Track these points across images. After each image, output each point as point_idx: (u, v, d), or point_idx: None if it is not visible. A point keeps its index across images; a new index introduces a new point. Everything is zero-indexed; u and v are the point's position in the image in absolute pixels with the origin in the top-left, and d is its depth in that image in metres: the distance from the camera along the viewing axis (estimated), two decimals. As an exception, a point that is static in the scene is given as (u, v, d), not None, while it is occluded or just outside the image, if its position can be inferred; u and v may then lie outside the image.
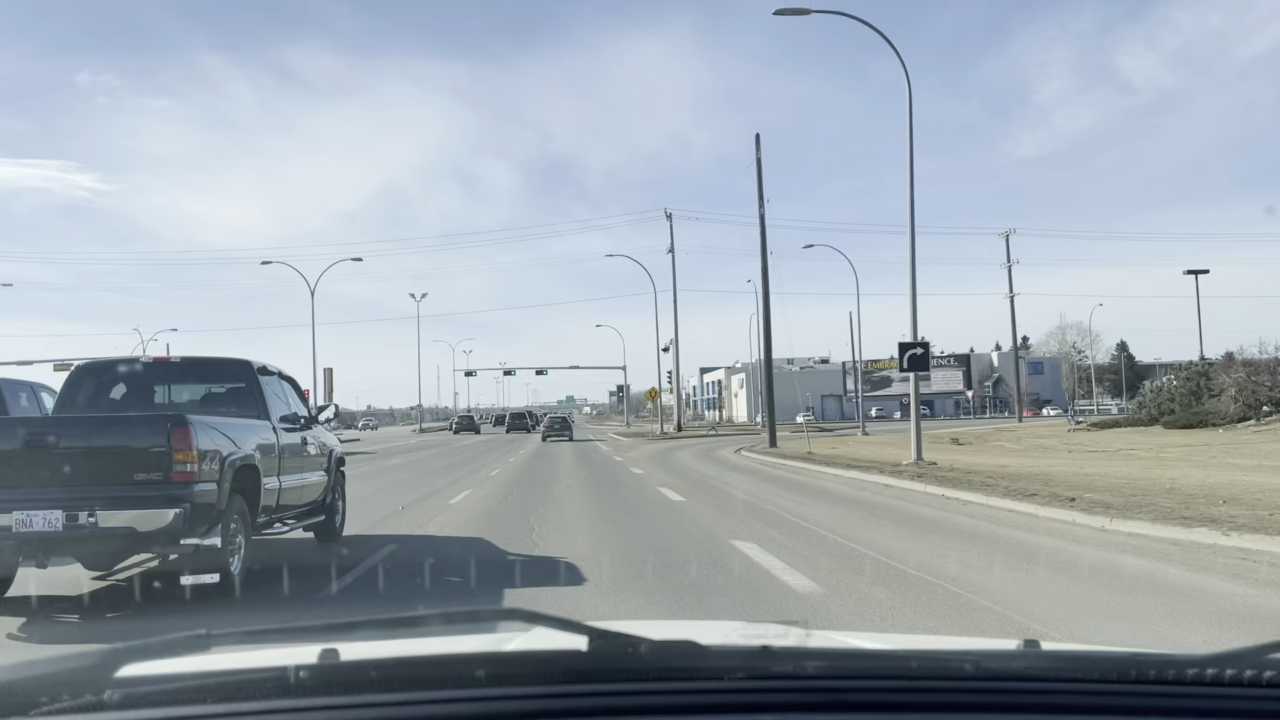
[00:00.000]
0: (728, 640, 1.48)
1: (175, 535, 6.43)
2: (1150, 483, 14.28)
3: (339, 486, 10.34)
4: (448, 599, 7.01)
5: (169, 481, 6.45)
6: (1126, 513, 10.57)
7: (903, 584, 7.42)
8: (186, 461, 6.49)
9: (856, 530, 10.91)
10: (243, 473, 7.27)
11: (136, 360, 9.24)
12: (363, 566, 8.42)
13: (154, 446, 6.48)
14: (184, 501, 6.42)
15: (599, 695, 1.27)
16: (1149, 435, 36.77)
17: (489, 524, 11.83)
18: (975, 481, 15.39)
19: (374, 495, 15.90)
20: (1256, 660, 1.34)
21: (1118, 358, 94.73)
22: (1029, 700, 1.32)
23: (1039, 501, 12.35)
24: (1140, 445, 29.52)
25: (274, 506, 8.14)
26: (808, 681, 1.32)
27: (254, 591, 7.15)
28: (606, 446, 39.96)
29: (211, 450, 6.79)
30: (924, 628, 5.87)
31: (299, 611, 6.57)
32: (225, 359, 8.92)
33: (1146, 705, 1.31)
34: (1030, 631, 5.32)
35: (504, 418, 79.43)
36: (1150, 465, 19.57)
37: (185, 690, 1.24)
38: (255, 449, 7.63)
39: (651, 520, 12.27)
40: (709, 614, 6.21)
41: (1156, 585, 7.33)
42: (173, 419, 6.74)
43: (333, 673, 1.29)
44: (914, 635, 4.78)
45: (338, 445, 10.53)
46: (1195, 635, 5.64)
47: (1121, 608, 6.64)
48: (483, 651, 1.48)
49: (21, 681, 1.23)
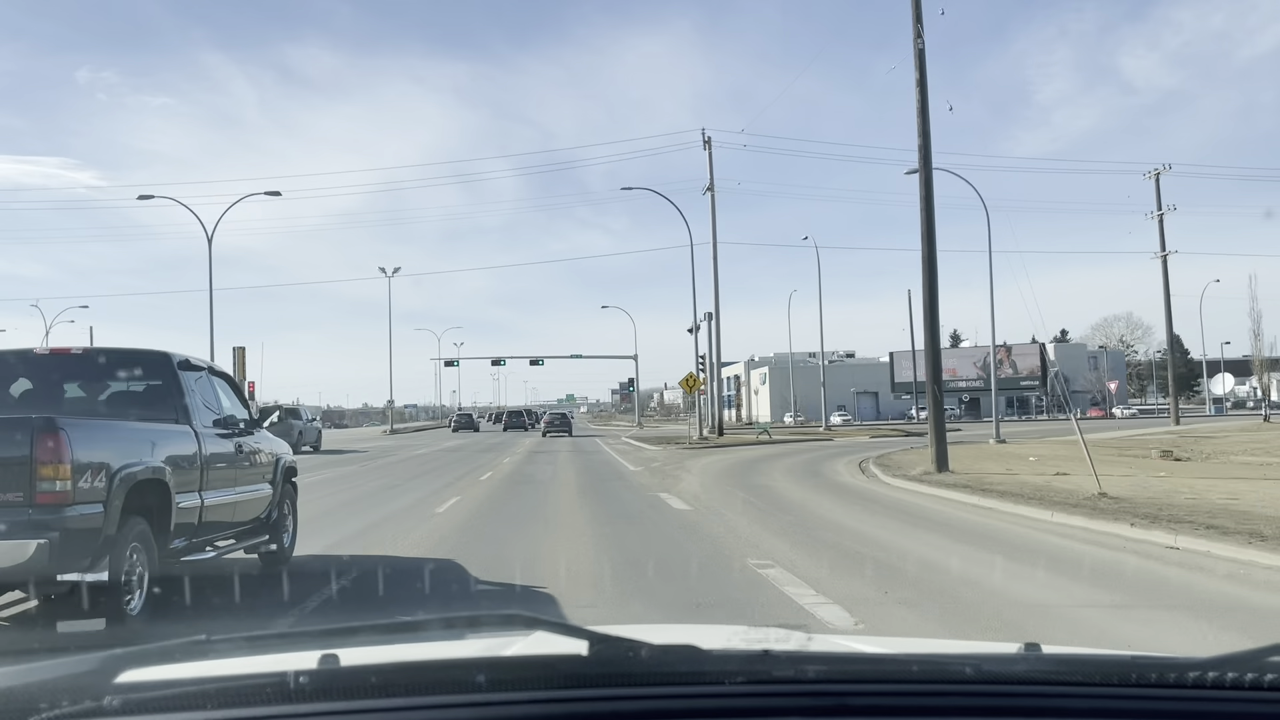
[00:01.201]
0: (728, 645, 1.48)
1: (45, 571, 5.24)
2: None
3: (289, 501, 8.95)
4: None
5: (32, 504, 5.26)
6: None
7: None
8: (56, 478, 5.29)
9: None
10: (144, 489, 6.07)
11: (30, 351, 7.82)
12: (313, 601, 7.11)
13: (13, 459, 5.26)
14: (51, 529, 5.21)
15: (600, 700, 1.27)
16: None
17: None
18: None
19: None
20: (1257, 663, 1.34)
21: (1167, 353, 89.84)
22: (1030, 704, 1.32)
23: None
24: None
25: (195, 527, 6.91)
26: (809, 686, 1.32)
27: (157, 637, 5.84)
28: (632, 465, 24.95)
29: (96, 463, 5.59)
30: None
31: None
32: (138, 350, 7.46)
33: (1147, 709, 1.31)
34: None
35: (501, 415, 79.73)
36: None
37: (185, 696, 1.24)
38: (165, 460, 6.41)
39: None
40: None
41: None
42: (38, 423, 5.40)
43: (333, 678, 1.29)
44: (915, 639, 4.66)
45: (288, 453, 9.20)
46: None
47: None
48: (483, 656, 1.48)
49: (21, 687, 1.23)
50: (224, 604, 6.86)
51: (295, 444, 31.83)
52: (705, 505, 14.14)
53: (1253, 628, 6.23)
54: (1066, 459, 20.31)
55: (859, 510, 13.41)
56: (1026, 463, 21.22)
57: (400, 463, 28.34)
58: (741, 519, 12.21)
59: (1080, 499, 12.66)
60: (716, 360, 43.17)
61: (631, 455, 30.44)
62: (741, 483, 18.17)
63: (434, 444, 43.20)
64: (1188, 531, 9.57)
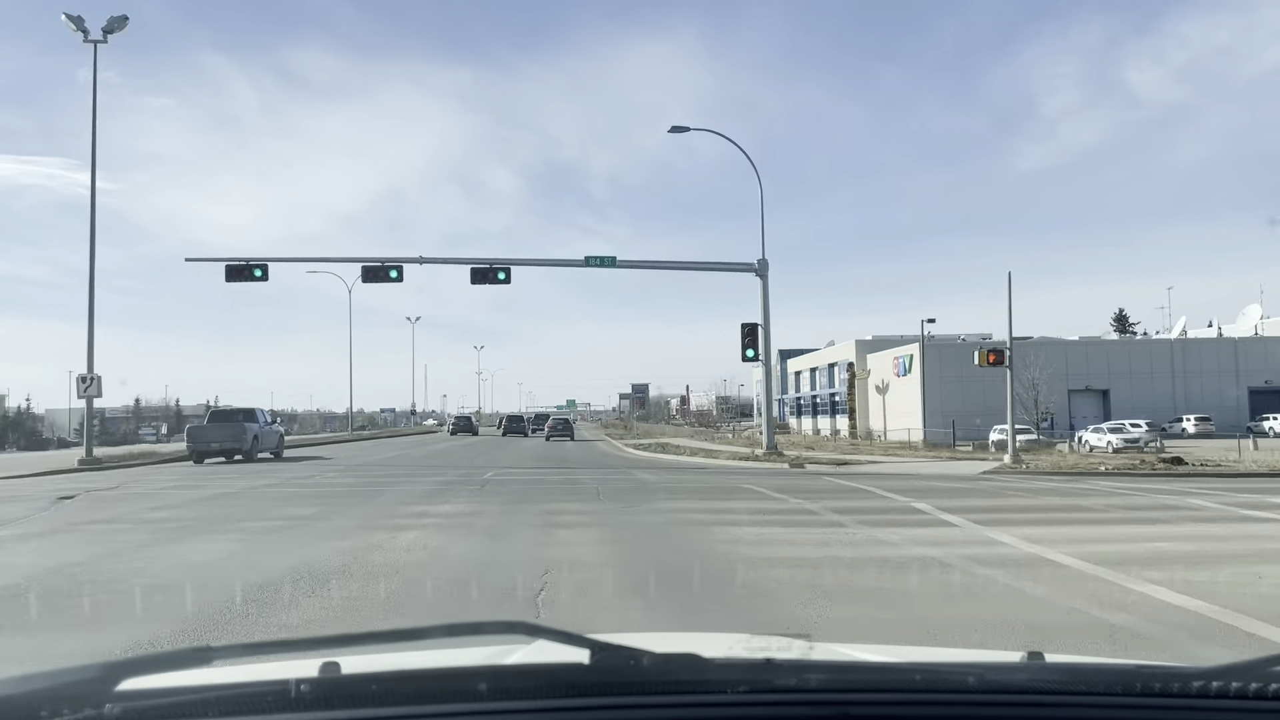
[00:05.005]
0: (731, 653, 1.48)
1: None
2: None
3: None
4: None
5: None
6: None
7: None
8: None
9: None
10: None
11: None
12: None
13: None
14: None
15: (601, 709, 1.27)
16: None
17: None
18: None
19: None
20: (1260, 673, 1.34)
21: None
22: (1033, 714, 1.31)
23: None
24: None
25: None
26: (811, 695, 1.31)
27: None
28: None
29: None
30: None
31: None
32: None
33: (1150, 719, 1.31)
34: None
35: (502, 421, 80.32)
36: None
37: (186, 704, 1.24)
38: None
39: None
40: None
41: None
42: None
43: (334, 686, 1.29)
44: (919, 649, 4.62)
45: None
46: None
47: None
48: (485, 665, 1.48)
49: (21, 695, 1.22)
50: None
51: (250, 450, 29.96)
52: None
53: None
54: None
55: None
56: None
57: (356, 469, 25.54)
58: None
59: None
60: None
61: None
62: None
63: (412, 449, 40.77)
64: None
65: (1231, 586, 7.61)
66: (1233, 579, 7.95)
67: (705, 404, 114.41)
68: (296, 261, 35.62)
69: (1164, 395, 56.18)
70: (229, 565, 8.84)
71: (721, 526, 11.91)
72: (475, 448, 42.00)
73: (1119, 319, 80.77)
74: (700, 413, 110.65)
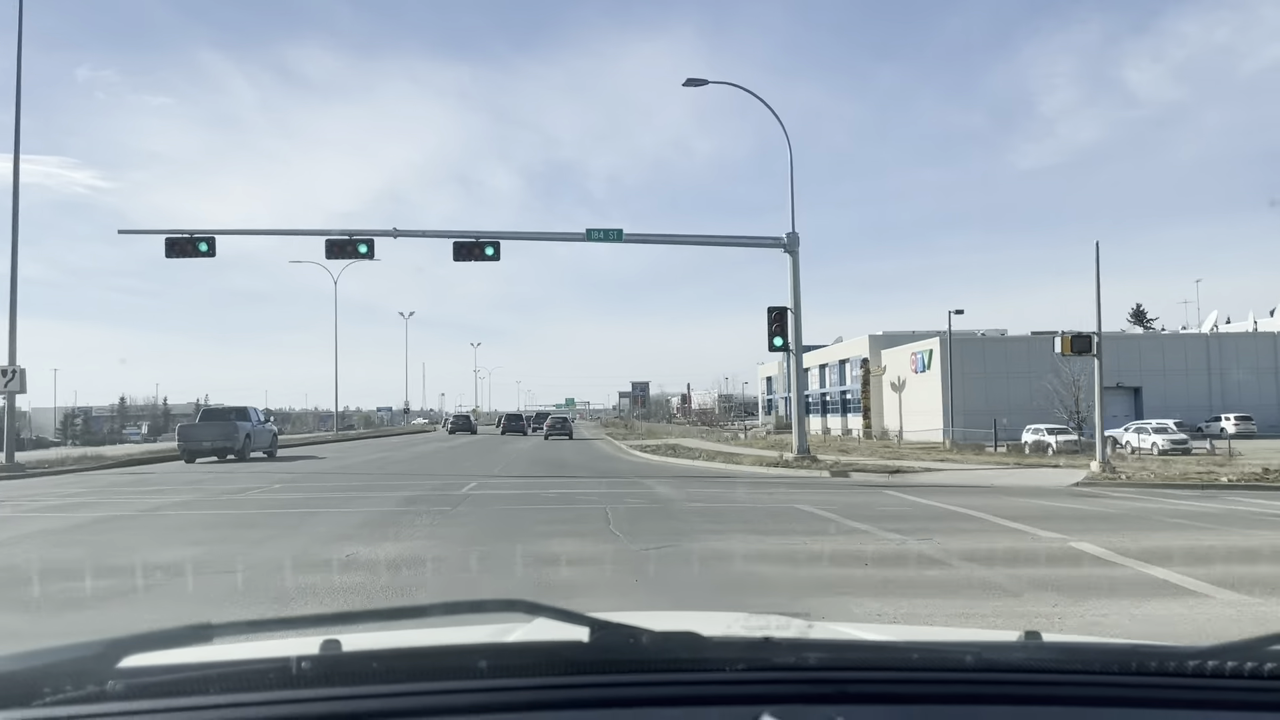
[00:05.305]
0: (729, 631, 1.48)
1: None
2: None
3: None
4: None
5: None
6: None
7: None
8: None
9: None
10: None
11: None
12: None
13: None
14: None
15: (601, 686, 1.28)
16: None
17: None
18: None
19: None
20: (1256, 652, 1.35)
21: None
22: (1030, 692, 1.32)
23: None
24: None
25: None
26: (809, 673, 1.32)
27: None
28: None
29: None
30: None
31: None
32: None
33: (1147, 697, 1.32)
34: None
35: (501, 420, 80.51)
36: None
37: (188, 681, 1.24)
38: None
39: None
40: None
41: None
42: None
43: (335, 663, 1.29)
44: (917, 628, 4.43)
45: None
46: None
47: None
48: (485, 643, 1.48)
49: (24, 672, 1.23)
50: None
51: (243, 449, 29.23)
52: None
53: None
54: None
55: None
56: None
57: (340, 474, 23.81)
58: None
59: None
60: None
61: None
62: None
63: (405, 449, 39.62)
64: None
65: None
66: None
67: (708, 402, 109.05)
68: (245, 234, 28.40)
69: (1199, 393, 52.78)
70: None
71: (821, 594, 7.21)
72: (467, 449, 40.07)
73: (1136, 314, 77.54)
74: (702, 411, 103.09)
